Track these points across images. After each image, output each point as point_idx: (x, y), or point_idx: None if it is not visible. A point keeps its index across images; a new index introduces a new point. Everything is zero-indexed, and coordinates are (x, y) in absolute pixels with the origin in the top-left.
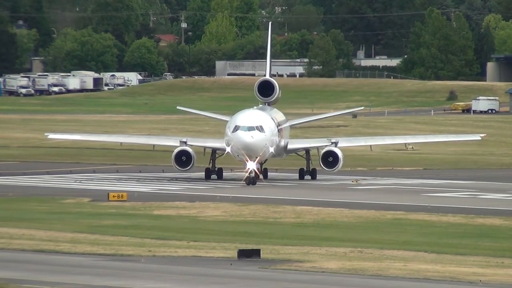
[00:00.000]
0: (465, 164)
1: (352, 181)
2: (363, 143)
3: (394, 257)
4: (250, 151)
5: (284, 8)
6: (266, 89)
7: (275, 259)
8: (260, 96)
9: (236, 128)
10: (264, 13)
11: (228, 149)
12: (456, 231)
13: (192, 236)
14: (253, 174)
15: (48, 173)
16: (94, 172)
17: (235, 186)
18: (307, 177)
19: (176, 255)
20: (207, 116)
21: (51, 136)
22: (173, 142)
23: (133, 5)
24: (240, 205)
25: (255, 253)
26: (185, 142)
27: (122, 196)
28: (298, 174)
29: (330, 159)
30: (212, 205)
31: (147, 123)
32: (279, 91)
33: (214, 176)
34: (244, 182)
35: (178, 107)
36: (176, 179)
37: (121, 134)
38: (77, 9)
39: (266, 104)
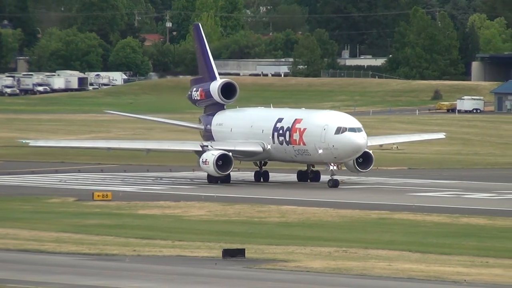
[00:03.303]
0: (449, 163)
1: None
2: (374, 143)
3: (378, 257)
4: (359, 152)
5: (269, 7)
6: (228, 91)
7: (260, 258)
8: (224, 99)
9: (342, 130)
10: (249, 13)
11: (320, 151)
12: (441, 231)
13: (177, 235)
14: (335, 176)
15: (33, 172)
16: (79, 171)
17: (220, 186)
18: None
19: (161, 255)
20: (141, 118)
21: (33, 143)
22: (193, 147)
23: (118, 4)
24: (225, 205)
25: (240, 252)
26: (207, 146)
27: (106, 195)
28: (296, 176)
29: (361, 159)
30: (197, 205)
31: (132, 122)
32: None
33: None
34: (327, 185)
35: (105, 111)
36: (161, 178)
37: (122, 139)
38: (62, 8)
39: (224, 107)
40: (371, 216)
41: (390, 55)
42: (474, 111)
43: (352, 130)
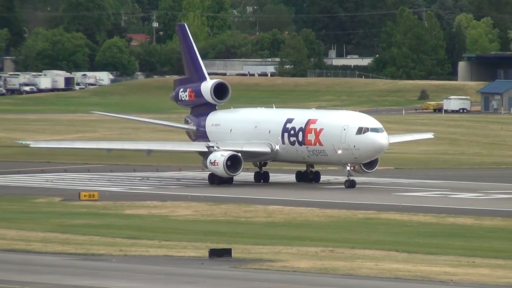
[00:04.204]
0: (436, 163)
1: (323, 181)
2: None
3: (365, 257)
4: (380, 153)
5: (255, 7)
6: (220, 91)
7: (246, 258)
8: (216, 99)
9: (364, 130)
10: (236, 13)
11: (339, 152)
12: (427, 231)
13: (164, 235)
14: (352, 177)
15: (19, 172)
16: (65, 171)
17: (206, 186)
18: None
19: (147, 255)
20: (129, 119)
21: (33, 145)
22: (198, 148)
23: (105, 4)
24: (211, 205)
25: (226, 252)
26: (213, 147)
27: (93, 195)
28: (295, 177)
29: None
30: (183, 205)
31: (118, 122)
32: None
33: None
34: (344, 186)
35: (92, 111)
36: (148, 178)
37: (129, 140)
38: (49, 8)
39: (216, 107)
40: (358, 216)
41: (377, 55)
42: (461, 111)
43: (375, 130)
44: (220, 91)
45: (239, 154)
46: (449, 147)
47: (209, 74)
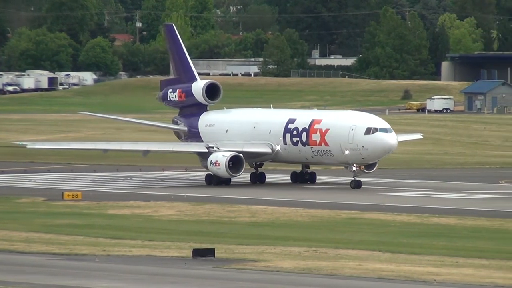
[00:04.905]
0: (419, 163)
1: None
2: None
3: (348, 257)
4: (389, 153)
5: (239, 7)
6: (211, 92)
7: (230, 258)
8: (208, 100)
9: (372, 130)
10: (219, 13)
11: (346, 152)
12: (411, 231)
13: (147, 235)
14: (358, 178)
15: (2, 172)
16: (48, 171)
17: (190, 186)
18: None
19: (130, 255)
20: (113, 118)
21: (30, 146)
22: (198, 148)
23: (88, 4)
24: (195, 205)
25: (210, 252)
26: (213, 147)
27: (76, 195)
28: (290, 178)
29: None
30: (166, 205)
31: (102, 122)
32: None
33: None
34: (350, 186)
35: (79, 112)
36: (131, 178)
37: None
38: (32, 8)
39: (207, 108)
40: (341, 216)
41: (360, 55)
42: (444, 110)
43: (384, 130)
44: (211, 91)
45: (241, 155)
46: (432, 147)
47: None
